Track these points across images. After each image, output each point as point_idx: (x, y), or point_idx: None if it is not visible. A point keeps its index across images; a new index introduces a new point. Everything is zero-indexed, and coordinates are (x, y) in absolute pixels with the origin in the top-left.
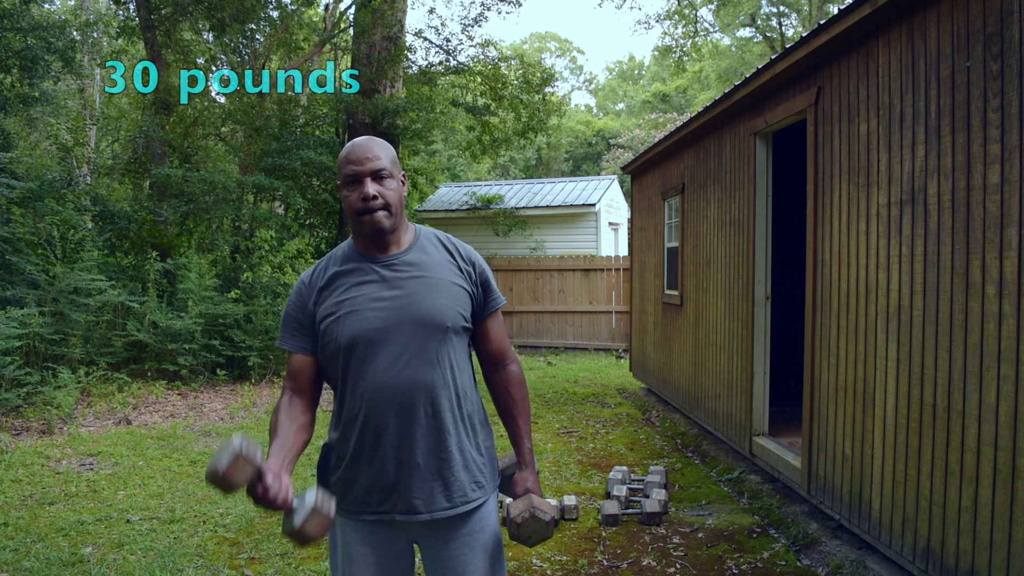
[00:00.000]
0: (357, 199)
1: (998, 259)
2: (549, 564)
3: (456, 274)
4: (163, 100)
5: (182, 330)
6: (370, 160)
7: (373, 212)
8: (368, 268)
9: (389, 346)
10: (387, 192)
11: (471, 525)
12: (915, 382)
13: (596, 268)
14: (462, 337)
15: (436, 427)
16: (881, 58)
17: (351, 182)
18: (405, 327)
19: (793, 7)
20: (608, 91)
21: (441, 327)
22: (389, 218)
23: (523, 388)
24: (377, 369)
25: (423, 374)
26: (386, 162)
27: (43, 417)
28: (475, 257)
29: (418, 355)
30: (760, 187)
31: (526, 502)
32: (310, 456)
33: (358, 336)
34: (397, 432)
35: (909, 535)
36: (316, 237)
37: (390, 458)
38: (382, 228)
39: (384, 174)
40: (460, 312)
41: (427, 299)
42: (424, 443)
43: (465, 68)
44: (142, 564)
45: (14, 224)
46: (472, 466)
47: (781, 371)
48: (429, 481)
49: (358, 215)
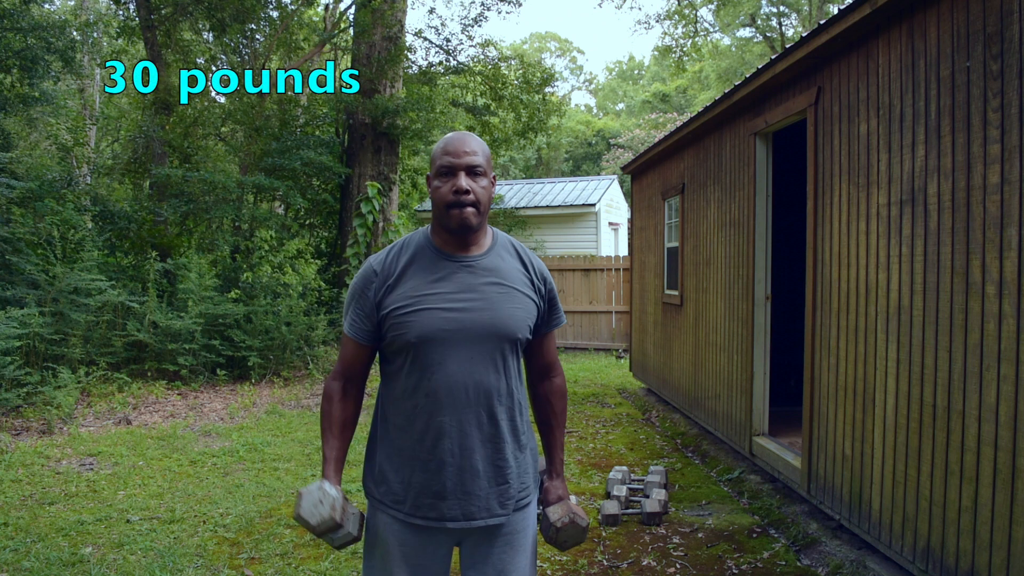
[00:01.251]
0: (449, 191)
1: (998, 259)
2: (549, 564)
3: (528, 286)
4: (163, 100)
5: (182, 330)
6: (468, 154)
7: (463, 207)
8: (445, 266)
9: (458, 349)
10: (479, 190)
11: (514, 525)
12: (915, 382)
13: (596, 268)
14: (523, 347)
15: (495, 434)
16: (881, 58)
17: (445, 173)
18: (477, 332)
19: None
20: (608, 91)
21: (511, 337)
22: (477, 216)
23: (565, 400)
24: (444, 371)
25: (489, 381)
26: (482, 159)
27: (43, 417)
28: (546, 273)
29: (485, 361)
30: (760, 187)
31: (565, 508)
32: (310, 456)
33: (429, 335)
34: (457, 437)
35: (909, 535)
36: (316, 237)
37: (448, 464)
38: (469, 225)
39: (479, 171)
40: (529, 324)
41: (502, 308)
42: (483, 450)
43: (465, 68)
44: (142, 564)
45: (14, 224)
46: (522, 472)
47: (781, 371)
48: (486, 488)
49: (447, 207)
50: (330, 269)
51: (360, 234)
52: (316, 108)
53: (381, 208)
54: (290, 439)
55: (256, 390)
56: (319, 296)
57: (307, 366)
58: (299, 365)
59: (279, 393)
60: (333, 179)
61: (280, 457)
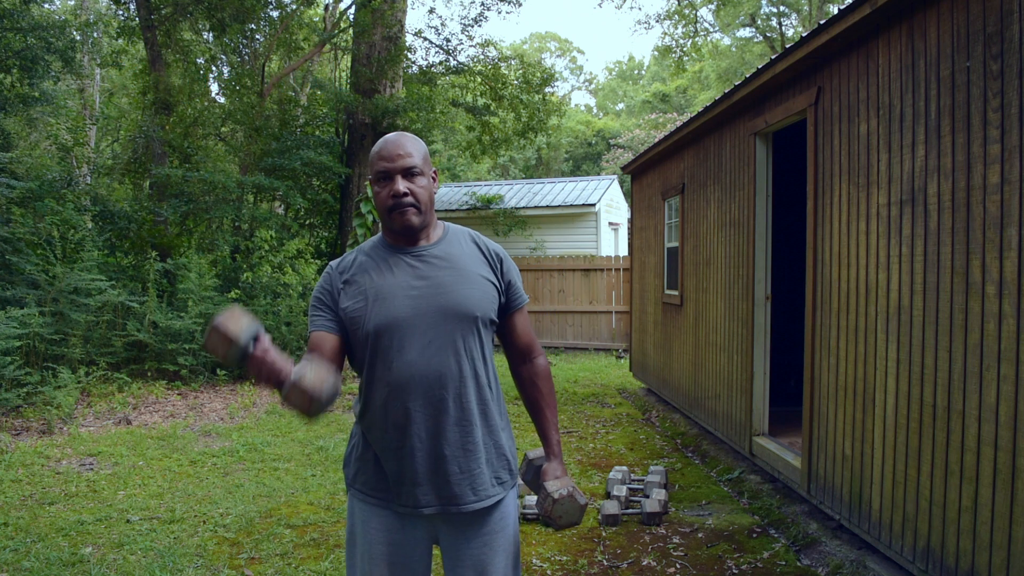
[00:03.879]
0: (387, 196)
1: (998, 259)
2: (549, 564)
3: (483, 265)
4: (163, 100)
5: (182, 330)
6: (402, 157)
7: (403, 208)
8: (397, 259)
9: (416, 335)
10: (417, 190)
11: (492, 524)
12: (915, 382)
13: (596, 268)
14: (488, 330)
15: (462, 418)
16: (881, 58)
17: (382, 178)
18: (433, 316)
19: (793, 7)
20: (608, 91)
21: (469, 317)
22: (419, 215)
23: (550, 381)
24: (404, 359)
25: (450, 364)
26: (417, 159)
27: (43, 417)
28: (503, 254)
29: (445, 345)
30: (760, 187)
31: (565, 482)
32: (310, 456)
33: (385, 323)
34: (424, 423)
35: (909, 535)
36: (316, 237)
37: (418, 449)
38: (411, 225)
39: (415, 171)
40: (488, 304)
41: (456, 289)
42: (451, 434)
43: (465, 68)
44: (142, 564)
45: (14, 224)
46: (495, 461)
47: (781, 371)
48: (457, 473)
49: (388, 211)
50: None
51: (360, 234)
52: (316, 108)
53: None
54: (290, 439)
55: (256, 390)
56: None
57: None
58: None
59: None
60: (333, 179)
61: (280, 457)
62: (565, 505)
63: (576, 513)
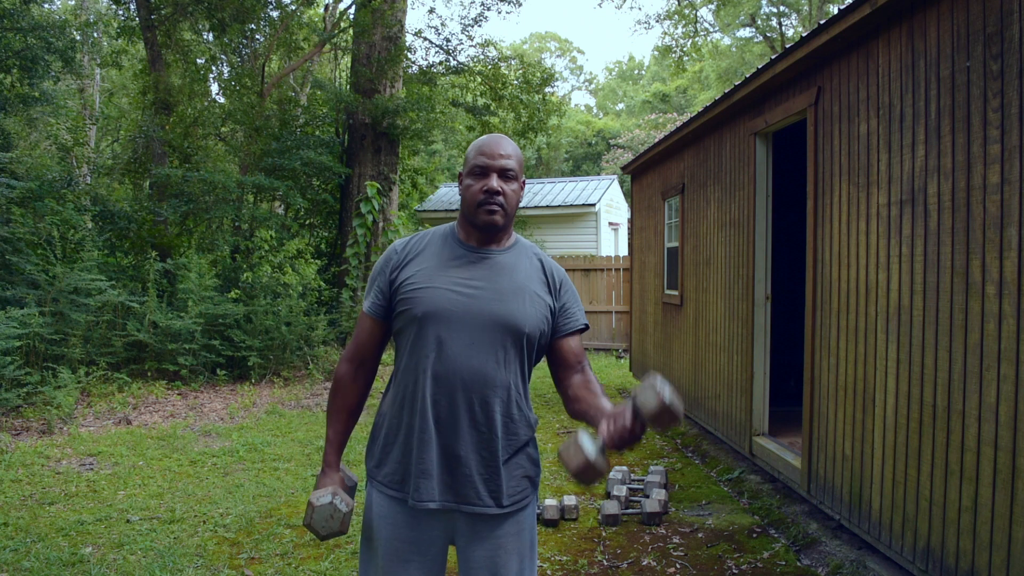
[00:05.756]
0: (480, 190)
1: (998, 259)
2: (549, 564)
3: (542, 286)
4: (163, 100)
5: (182, 330)
6: (503, 157)
7: (491, 207)
8: (463, 254)
9: (461, 332)
10: (509, 193)
11: (506, 528)
12: (915, 382)
13: (596, 268)
14: (531, 348)
15: (485, 422)
16: (881, 58)
17: (478, 173)
18: (481, 319)
19: (793, 7)
20: (608, 91)
21: (518, 331)
22: (504, 217)
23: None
24: (444, 352)
25: (487, 368)
26: (515, 163)
27: (43, 417)
28: (563, 277)
29: (486, 349)
30: (760, 187)
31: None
32: (310, 456)
33: (433, 312)
34: (446, 419)
35: (909, 535)
36: (316, 237)
37: (436, 443)
38: (495, 224)
39: (511, 175)
40: (539, 323)
41: (511, 301)
42: (472, 436)
43: (465, 68)
44: (142, 564)
45: (14, 224)
46: (514, 472)
47: (781, 371)
48: (470, 476)
49: (477, 206)
50: (330, 269)
51: (360, 234)
52: (316, 108)
53: (381, 208)
54: (290, 439)
55: (256, 390)
56: (319, 296)
57: (307, 366)
58: (299, 365)
59: (279, 393)
60: (333, 179)
61: (280, 457)
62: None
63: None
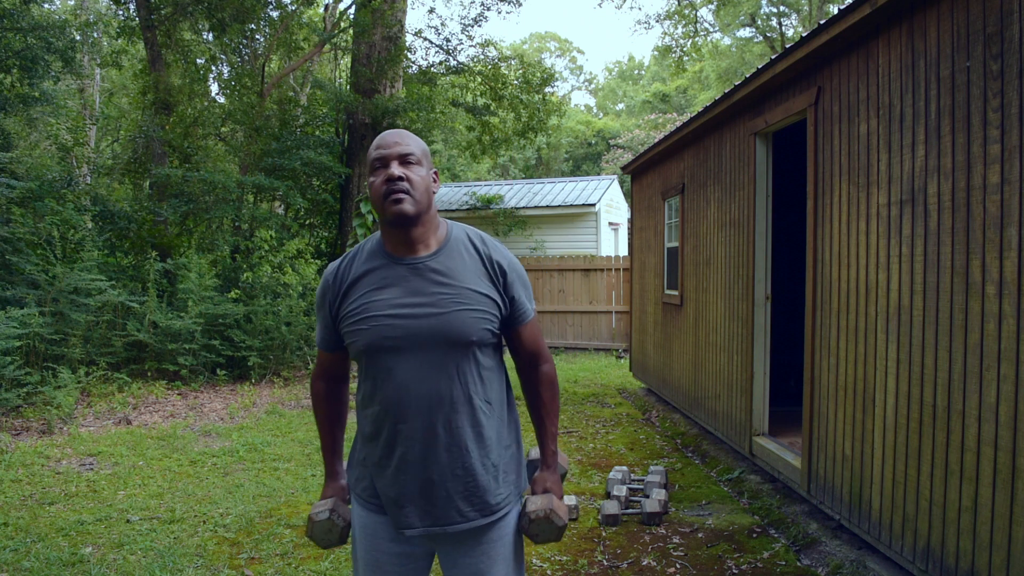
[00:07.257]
0: (382, 183)
1: (998, 259)
2: (549, 564)
3: (485, 282)
4: (163, 100)
5: (182, 330)
6: (399, 145)
7: (397, 195)
8: (392, 270)
9: (407, 357)
10: (414, 177)
11: (491, 535)
12: (915, 382)
13: (596, 268)
14: (486, 349)
15: (452, 443)
16: (881, 58)
17: (377, 167)
18: (425, 339)
19: (793, 7)
20: (608, 91)
21: (465, 342)
22: (414, 204)
23: (553, 389)
24: (394, 381)
25: (441, 389)
26: (415, 149)
27: (43, 417)
28: (507, 264)
29: (437, 369)
30: (760, 187)
31: (545, 501)
32: (310, 456)
33: (375, 344)
34: (413, 444)
35: (909, 535)
36: (316, 237)
37: (405, 471)
38: (405, 214)
39: (412, 159)
40: (486, 326)
41: (451, 312)
42: (443, 458)
43: (465, 68)
44: (142, 564)
45: (14, 224)
46: (494, 480)
47: (781, 371)
48: (444, 498)
49: (382, 199)
50: None
51: (360, 234)
52: (316, 108)
53: None
54: (290, 439)
55: (256, 390)
56: None
57: (307, 366)
58: (299, 365)
59: (279, 393)
60: (333, 179)
61: (280, 457)
62: (541, 525)
63: (552, 533)
